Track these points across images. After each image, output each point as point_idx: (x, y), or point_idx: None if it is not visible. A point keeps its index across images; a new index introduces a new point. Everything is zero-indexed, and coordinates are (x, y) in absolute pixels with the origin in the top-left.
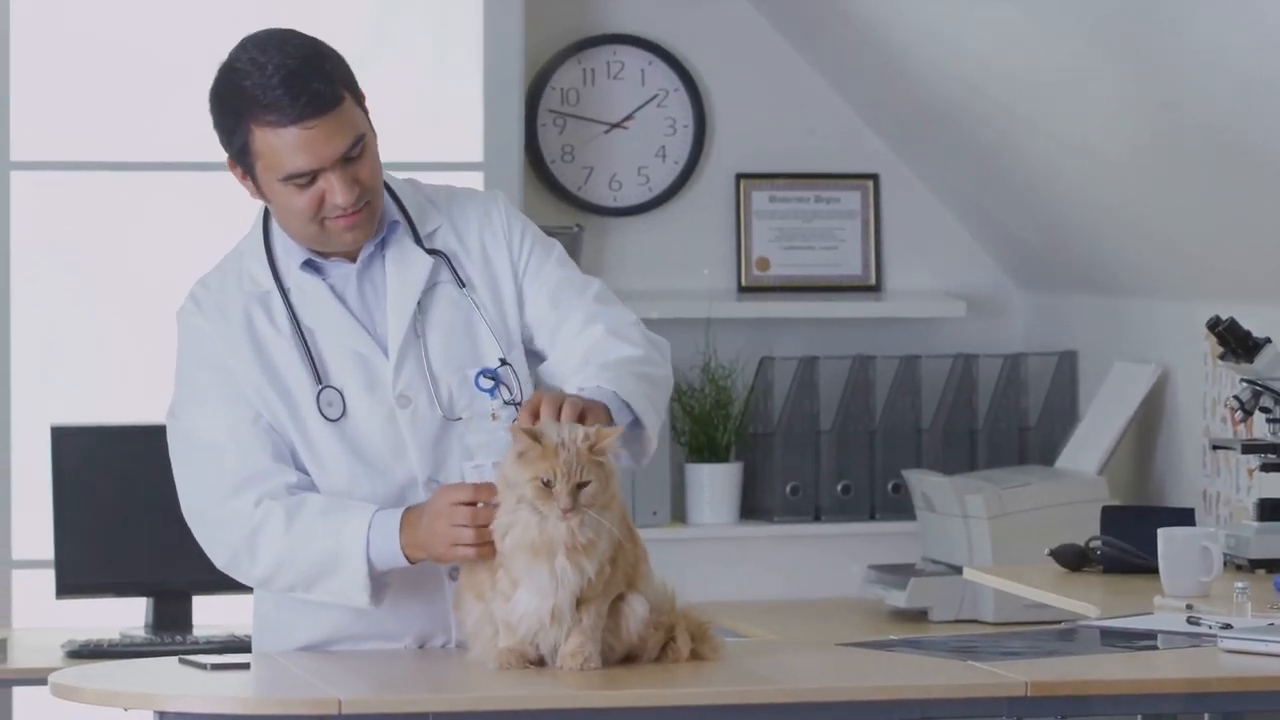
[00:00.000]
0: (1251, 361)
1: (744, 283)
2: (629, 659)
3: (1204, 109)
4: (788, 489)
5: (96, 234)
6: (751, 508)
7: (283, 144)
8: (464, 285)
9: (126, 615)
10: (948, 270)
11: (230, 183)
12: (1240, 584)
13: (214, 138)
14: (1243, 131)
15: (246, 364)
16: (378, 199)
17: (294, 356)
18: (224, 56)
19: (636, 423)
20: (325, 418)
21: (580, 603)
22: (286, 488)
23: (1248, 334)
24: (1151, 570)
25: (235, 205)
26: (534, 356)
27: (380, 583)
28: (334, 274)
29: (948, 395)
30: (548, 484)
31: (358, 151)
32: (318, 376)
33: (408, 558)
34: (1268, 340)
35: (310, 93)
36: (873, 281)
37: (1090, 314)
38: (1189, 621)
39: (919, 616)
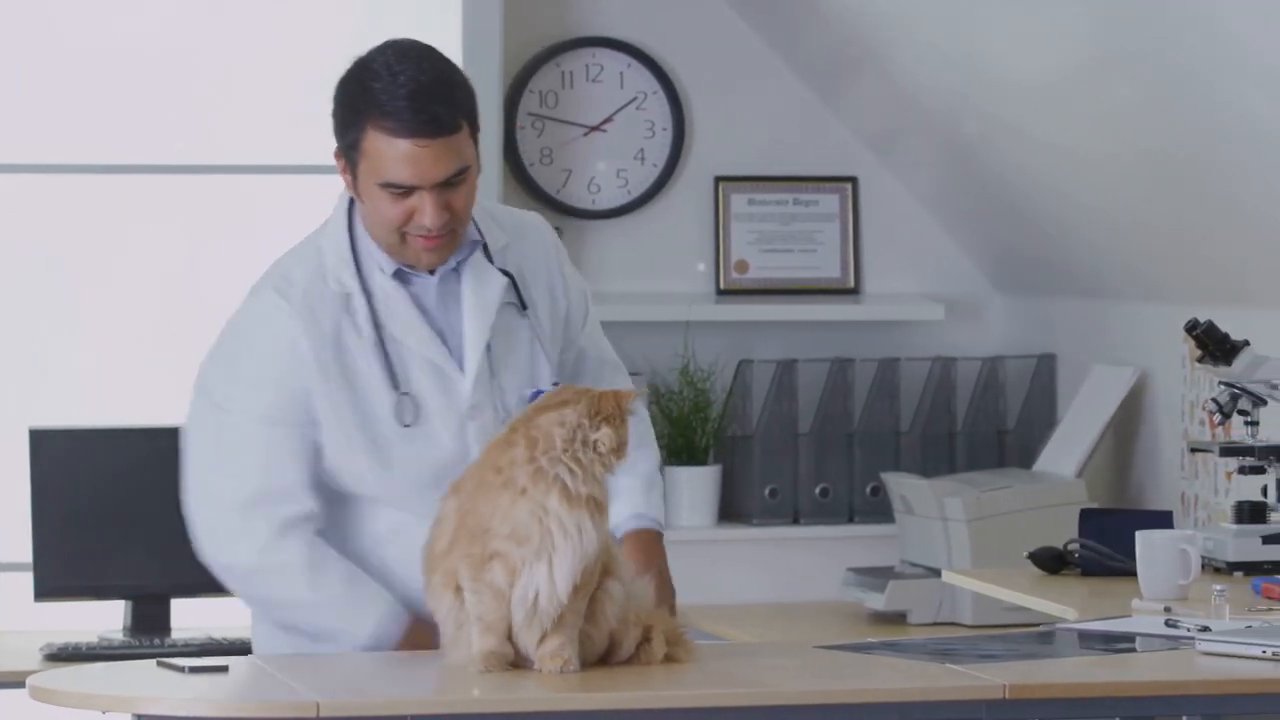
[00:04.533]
0: (1229, 364)
1: (723, 285)
2: (606, 657)
3: (1183, 118)
4: (766, 492)
5: (75, 236)
6: (730, 510)
7: (392, 152)
8: (526, 308)
9: (105, 618)
10: (926, 273)
11: (211, 185)
12: (1218, 587)
13: (196, 140)
14: (1220, 142)
15: (326, 370)
16: (463, 228)
17: (373, 361)
18: (362, 51)
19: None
20: (400, 423)
21: None
22: (304, 517)
23: (1226, 337)
24: (1130, 573)
25: (213, 209)
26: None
27: None
28: (416, 283)
29: (926, 398)
30: None
31: (459, 180)
32: (395, 383)
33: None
34: (1246, 343)
35: (431, 113)
36: (851, 284)
37: (1069, 317)
38: (1167, 624)
39: (898, 619)
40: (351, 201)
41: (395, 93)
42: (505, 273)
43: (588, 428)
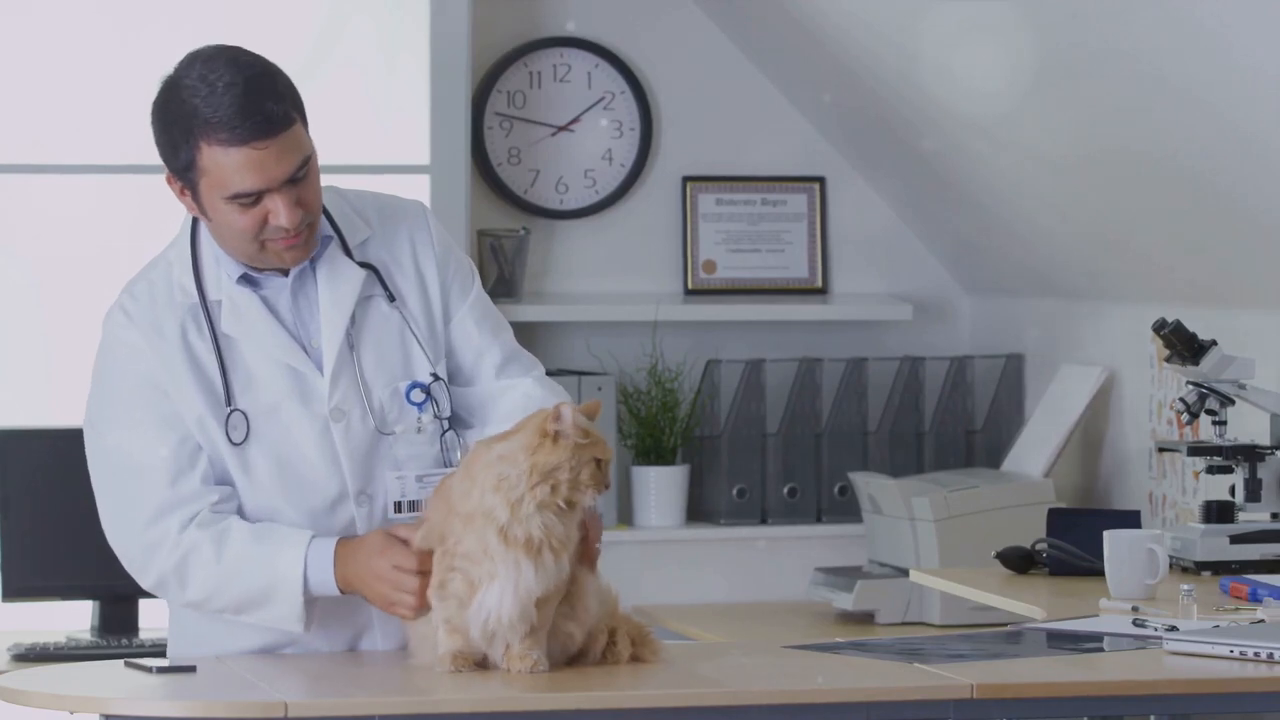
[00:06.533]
0: (1197, 364)
1: (690, 285)
2: (574, 660)
3: (1150, 120)
4: (734, 491)
5: (41, 238)
6: (698, 510)
7: (231, 163)
8: (394, 299)
9: (73, 618)
10: (894, 273)
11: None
12: (1186, 586)
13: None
14: (1186, 140)
15: (181, 380)
16: (318, 220)
17: (216, 373)
18: (169, 71)
19: None
20: (231, 442)
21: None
22: (211, 508)
23: (1194, 336)
24: (1097, 573)
25: (178, 209)
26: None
27: (312, 609)
28: (267, 287)
29: (894, 398)
30: (599, 464)
31: (303, 173)
32: (228, 398)
33: (340, 589)
34: (1213, 343)
35: (263, 113)
36: (819, 284)
37: (1036, 316)
38: (1135, 624)
39: (865, 619)
40: (195, 218)
41: (219, 102)
42: (367, 265)
43: (521, 461)
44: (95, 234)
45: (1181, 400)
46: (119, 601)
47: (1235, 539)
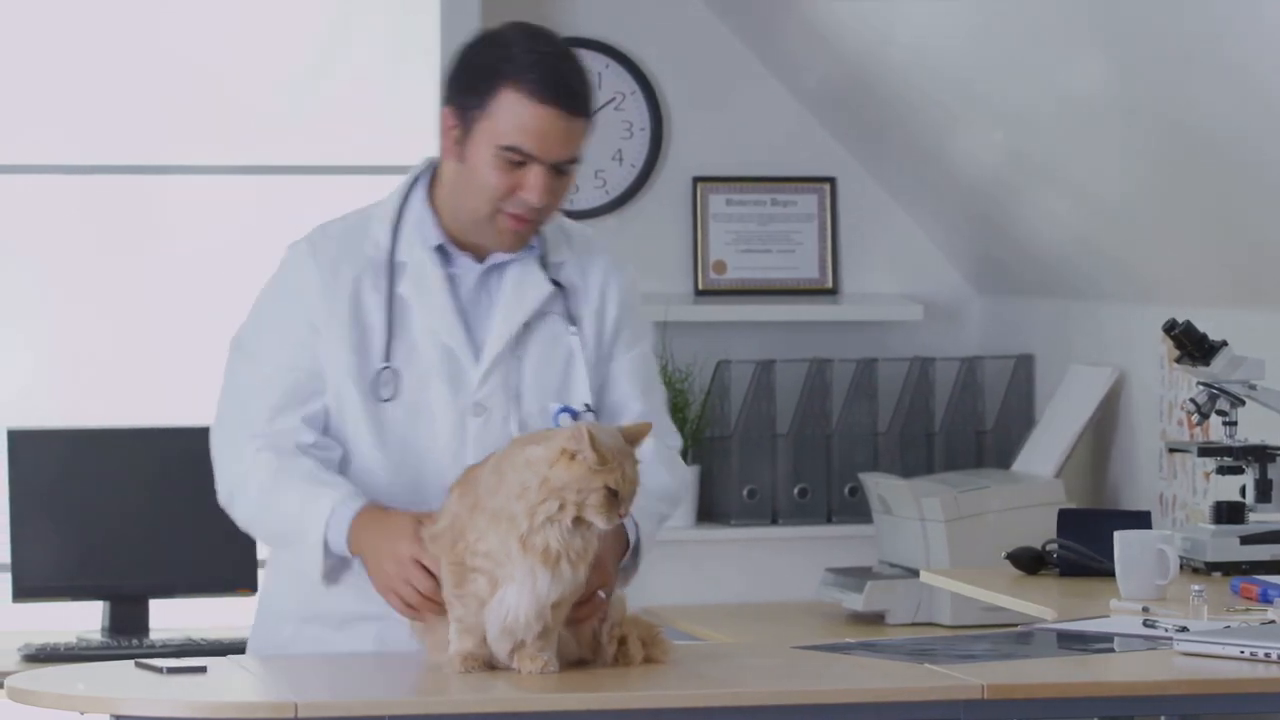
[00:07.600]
0: (1208, 364)
1: (701, 286)
2: (588, 662)
3: (1160, 120)
4: (745, 492)
5: (54, 237)
6: (708, 511)
7: (526, 115)
8: (573, 322)
9: (83, 619)
10: (905, 273)
11: (186, 187)
12: (1196, 587)
13: (170, 143)
14: (1198, 145)
15: (337, 327)
16: (548, 221)
17: (381, 330)
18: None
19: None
20: (377, 396)
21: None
22: (296, 444)
23: (1204, 337)
24: (1108, 573)
25: (193, 210)
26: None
27: (340, 565)
28: (457, 265)
29: (905, 398)
30: (614, 493)
31: (569, 167)
32: (387, 354)
33: (350, 550)
34: (1224, 343)
35: (576, 89)
36: (830, 285)
37: (1047, 317)
38: (1145, 624)
39: (876, 619)
40: (418, 177)
41: (542, 61)
42: (557, 284)
43: (541, 473)
44: (96, 234)
45: (1192, 401)
46: (129, 602)
47: (1246, 540)
